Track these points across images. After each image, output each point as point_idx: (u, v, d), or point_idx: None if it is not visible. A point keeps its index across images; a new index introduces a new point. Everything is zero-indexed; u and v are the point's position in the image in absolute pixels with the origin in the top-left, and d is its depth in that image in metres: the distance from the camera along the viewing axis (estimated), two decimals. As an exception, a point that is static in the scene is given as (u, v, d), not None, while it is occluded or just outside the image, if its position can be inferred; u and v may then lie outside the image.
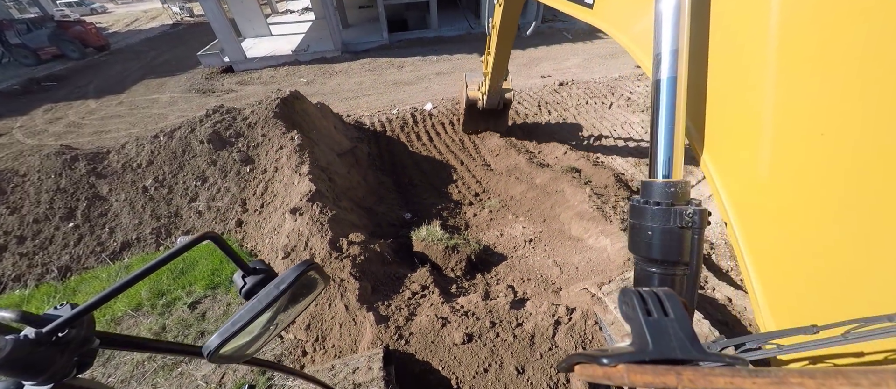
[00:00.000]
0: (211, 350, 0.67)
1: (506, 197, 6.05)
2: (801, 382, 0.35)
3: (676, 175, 1.20)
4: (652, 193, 1.21)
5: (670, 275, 1.17)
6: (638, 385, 0.46)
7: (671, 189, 1.17)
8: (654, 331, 0.56)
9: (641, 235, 1.21)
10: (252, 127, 5.71)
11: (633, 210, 1.27)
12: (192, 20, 25.77)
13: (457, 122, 9.06)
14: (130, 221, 4.96)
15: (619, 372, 0.47)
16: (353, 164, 6.79)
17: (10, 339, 0.51)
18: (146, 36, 22.91)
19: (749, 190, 1.09)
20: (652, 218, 1.17)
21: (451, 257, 4.48)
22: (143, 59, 17.83)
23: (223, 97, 12.26)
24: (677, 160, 1.20)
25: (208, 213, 5.04)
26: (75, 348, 0.59)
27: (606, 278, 3.29)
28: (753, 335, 1.04)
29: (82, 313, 0.58)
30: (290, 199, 4.53)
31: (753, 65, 1.03)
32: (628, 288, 0.72)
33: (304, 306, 0.90)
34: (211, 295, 3.95)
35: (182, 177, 5.30)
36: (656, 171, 1.22)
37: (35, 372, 0.54)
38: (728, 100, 1.14)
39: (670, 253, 1.15)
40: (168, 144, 5.47)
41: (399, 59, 14.47)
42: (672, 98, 1.17)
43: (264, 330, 0.83)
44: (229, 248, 0.79)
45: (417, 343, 3.03)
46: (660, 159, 1.21)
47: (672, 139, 1.19)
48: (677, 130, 1.19)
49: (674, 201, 1.15)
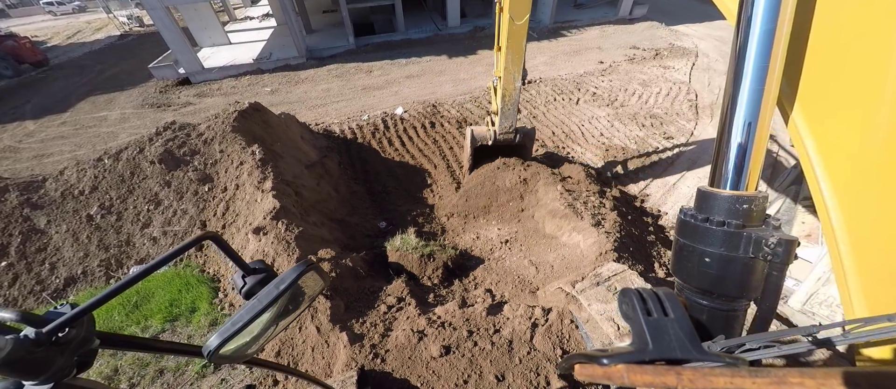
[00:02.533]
0: (211, 351, 0.67)
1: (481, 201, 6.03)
2: (801, 382, 0.35)
3: (751, 184, 0.91)
4: (714, 208, 0.90)
5: (725, 311, 0.91)
6: (638, 385, 0.46)
7: (743, 206, 0.87)
8: (654, 331, 0.56)
9: (693, 259, 0.93)
10: (209, 143, 5.38)
11: (683, 227, 0.97)
12: (143, 30, 24.16)
13: (429, 126, 8.99)
14: (74, 254, 4.53)
15: (619, 372, 0.47)
16: (323, 175, 6.56)
17: (10, 339, 0.51)
18: (91, 48, 21.22)
19: (854, 157, 0.84)
20: (712, 242, 0.88)
21: (427, 265, 4.40)
22: (88, 73, 16.50)
23: (180, 111, 11.56)
24: (756, 159, 0.89)
25: (164, 238, 4.69)
26: (75, 348, 0.59)
27: (579, 275, 3.32)
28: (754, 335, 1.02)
29: (82, 313, 0.58)
30: (253, 218, 4.29)
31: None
32: (628, 288, 0.70)
33: (304, 306, 0.91)
34: (170, 329, 3.66)
35: (132, 202, 4.90)
36: (724, 176, 0.91)
37: (35, 372, 0.54)
38: (841, 47, 0.87)
39: (732, 287, 0.88)
40: (114, 167, 5.05)
41: (367, 63, 14.20)
42: (766, 51, 0.83)
43: (264, 331, 0.83)
44: (229, 248, 0.79)
45: (394, 361, 2.93)
46: (730, 154, 0.90)
47: (754, 123, 0.87)
48: (764, 109, 0.86)
49: (745, 223, 0.86)
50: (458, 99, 10.49)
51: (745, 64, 0.87)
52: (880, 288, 0.84)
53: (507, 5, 4.00)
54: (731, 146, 0.90)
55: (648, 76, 11.09)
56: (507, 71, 4.67)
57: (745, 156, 0.89)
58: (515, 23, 3.98)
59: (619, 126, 8.44)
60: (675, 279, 1.05)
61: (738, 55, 0.88)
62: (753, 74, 0.86)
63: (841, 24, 0.87)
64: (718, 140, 0.94)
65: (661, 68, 11.90)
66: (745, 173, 0.90)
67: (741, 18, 0.89)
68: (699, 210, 0.96)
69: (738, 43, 0.89)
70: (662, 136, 8.05)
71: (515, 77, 4.73)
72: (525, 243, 4.81)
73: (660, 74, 11.36)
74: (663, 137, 7.98)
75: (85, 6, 33.31)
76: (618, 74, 11.40)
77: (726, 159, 0.91)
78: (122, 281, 0.61)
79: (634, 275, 3.29)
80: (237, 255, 0.81)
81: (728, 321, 0.91)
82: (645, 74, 11.22)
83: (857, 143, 0.84)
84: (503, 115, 5.24)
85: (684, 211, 0.99)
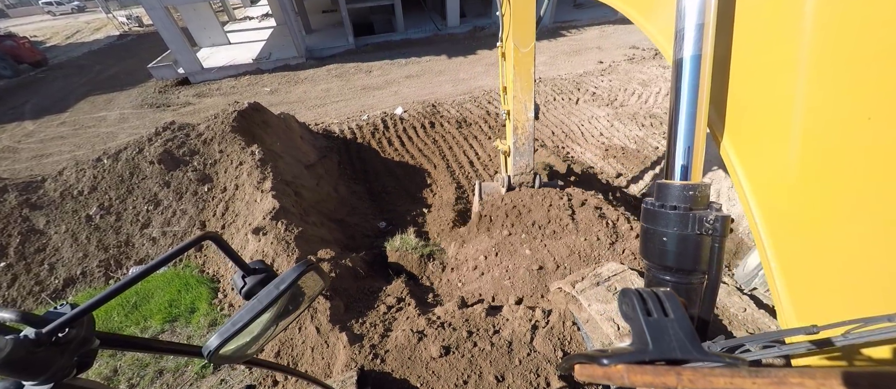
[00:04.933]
0: (211, 351, 0.66)
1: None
2: (801, 382, 0.35)
3: (696, 176, 1.11)
4: (668, 196, 1.12)
5: (685, 284, 1.10)
6: (638, 385, 0.46)
7: (689, 192, 1.08)
8: (654, 331, 0.56)
9: (655, 240, 1.13)
10: (208, 143, 5.37)
11: (646, 214, 1.18)
12: (142, 30, 24.15)
13: (429, 126, 8.98)
14: (74, 254, 4.52)
15: (619, 372, 0.47)
16: (323, 175, 6.56)
17: (10, 339, 0.51)
18: (90, 48, 21.22)
19: (776, 180, 0.96)
20: (667, 224, 1.09)
21: (426, 265, 4.39)
22: (87, 73, 16.49)
23: (179, 111, 11.55)
24: (697, 158, 1.09)
25: (163, 239, 4.68)
26: (75, 348, 0.59)
27: (580, 276, 3.31)
28: (754, 335, 1.02)
29: (82, 313, 0.58)
30: (253, 218, 4.28)
31: (790, 35, 0.88)
32: (628, 288, 0.70)
33: (304, 306, 0.91)
34: (169, 329, 3.65)
35: (131, 202, 4.90)
36: (673, 171, 1.13)
37: (35, 372, 0.54)
38: (756, 77, 1.00)
39: (687, 261, 1.07)
40: (113, 168, 5.04)
41: (367, 63, 14.20)
42: (695, 81, 1.04)
43: (264, 331, 0.83)
44: (229, 248, 0.79)
45: (394, 361, 2.92)
46: (678, 154, 1.10)
47: (693, 130, 1.07)
48: (699, 121, 1.06)
49: (692, 206, 1.06)
50: (458, 99, 10.49)
51: (681, 85, 1.08)
52: (804, 300, 0.95)
53: (510, 33, 3.70)
54: (679, 140, 1.11)
55: (648, 76, 11.08)
56: (517, 100, 4.09)
57: (689, 154, 1.10)
58: (521, 51, 3.73)
59: (618, 126, 8.44)
60: (644, 262, 1.24)
61: (676, 74, 1.09)
62: (688, 99, 1.07)
63: (754, 60, 1.00)
64: (669, 143, 1.15)
65: (660, 68, 11.90)
66: (690, 167, 1.11)
67: (675, 53, 1.09)
68: (657, 199, 1.17)
69: (674, 69, 1.11)
70: (662, 136, 8.05)
71: (527, 107, 4.15)
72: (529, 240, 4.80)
73: (659, 74, 11.36)
74: (663, 137, 7.98)
75: (84, 6, 33.28)
76: (617, 74, 11.40)
77: (675, 157, 1.13)
78: (123, 281, 0.61)
79: (634, 275, 3.28)
80: (237, 255, 0.81)
81: (688, 294, 1.10)
82: (644, 74, 11.21)
83: (778, 164, 0.95)
84: (518, 152, 4.41)
85: (646, 201, 1.20)
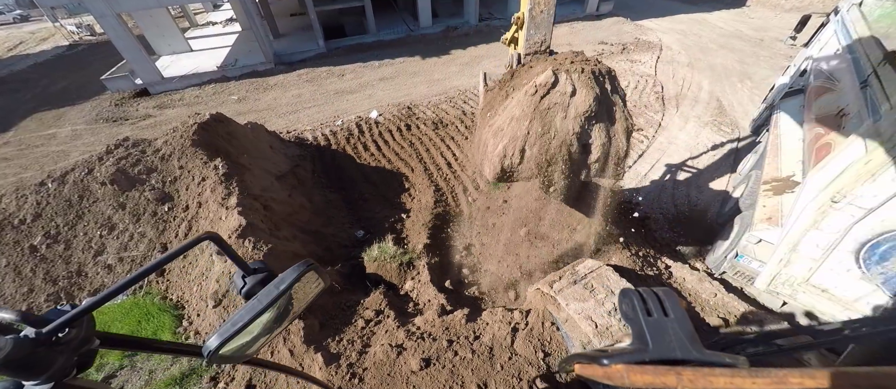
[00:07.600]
0: (211, 351, 0.67)
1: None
2: (801, 382, 0.36)
3: None
4: None
5: None
6: (638, 385, 0.47)
7: None
8: (654, 331, 0.57)
9: None
10: (166, 159, 5.04)
11: None
12: (94, 39, 22.59)
13: (405, 128, 8.83)
14: (17, 290, 4.12)
15: (619, 372, 0.48)
16: (295, 185, 6.31)
17: (10, 339, 0.51)
18: (36, 60, 19.63)
19: None
20: None
21: (406, 274, 4.30)
22: (33, 88, 15.25)
23: (138, 125, 10.88)
24: None
25: (120, 265, 4.35)
26: (75, 348, 0.59)
27: (557, 275, 3.31)
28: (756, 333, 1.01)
29: (82, 313, 0.58)
30: (218, 237, 4.04)
31: None
32: (628, 288, 0.70)
33: (304, 306, 0.92)
34: (129, 366, 3.38)
35: (82, 228, 4.52)
36: None
37: (35, 372, 0.54)
38: None
39: None
40: (59, 191, 4.64)
41: (339, 66, 13.86)
42: None
43: (264, 331, 0.83)
44: (230, 247, 0.80)
45: (372, 379, 2.82)
46: None
47: None
48: None
49: None
50: (433, 100, 10.40)
51: None
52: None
53: None
54: None
55: (617, 70, 11.37)
56: None
57: None
58: None
59: (591, 121, 8.59)
60: None
61: None
62: None
63: None
64: None
65: (628, 62, 12.25)
66: None
67: None
68: None
69: None
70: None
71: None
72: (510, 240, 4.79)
73: (627, 68, 11.68)
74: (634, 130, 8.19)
75: (28, 15, 30.84)
76: (588, 70, 11.61)
77: None
78: (122, 282, 0.61)
79: (610, 270, 3.31)
80: (237, 255, 0.82)
81: None
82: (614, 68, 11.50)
83: None
84: (534, 22, 3.32)
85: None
